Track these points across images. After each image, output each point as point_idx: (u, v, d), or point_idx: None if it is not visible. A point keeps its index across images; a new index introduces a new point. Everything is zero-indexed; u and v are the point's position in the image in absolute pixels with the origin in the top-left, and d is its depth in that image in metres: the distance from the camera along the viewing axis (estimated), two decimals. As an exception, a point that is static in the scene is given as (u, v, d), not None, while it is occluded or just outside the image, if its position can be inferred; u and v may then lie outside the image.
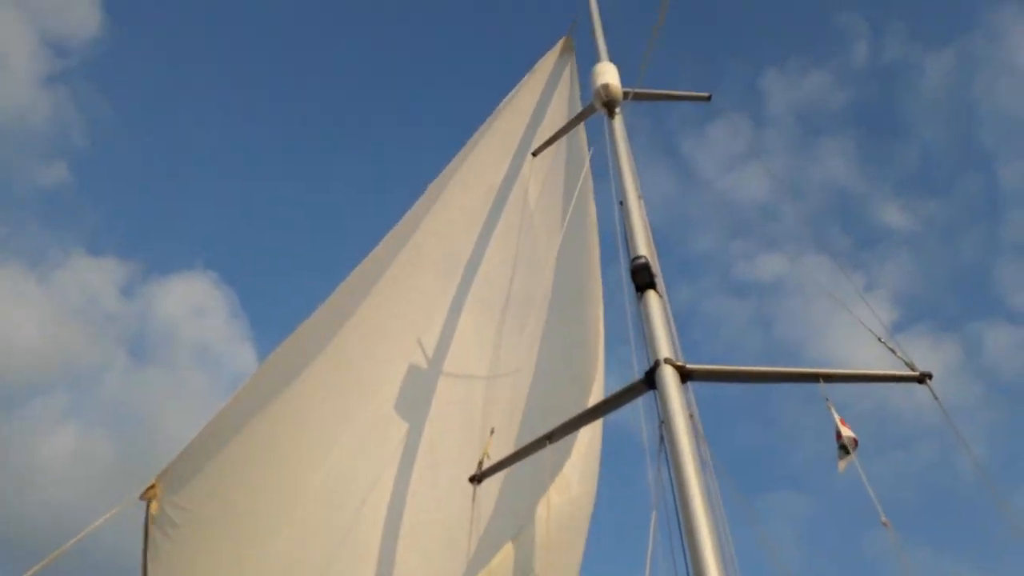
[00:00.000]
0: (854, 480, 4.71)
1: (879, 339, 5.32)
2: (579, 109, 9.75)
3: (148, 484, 5.74)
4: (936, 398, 4.82)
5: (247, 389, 6.53)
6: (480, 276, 9.08)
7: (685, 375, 5.12)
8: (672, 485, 4.74)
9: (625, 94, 8.33)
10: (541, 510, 5.97)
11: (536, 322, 8.50)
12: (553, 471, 6.36)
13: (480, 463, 6.27)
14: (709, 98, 9.09)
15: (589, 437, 6.83)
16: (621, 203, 7.27)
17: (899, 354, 5.15)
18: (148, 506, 5.70)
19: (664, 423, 4.90)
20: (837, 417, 4.81)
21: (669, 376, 4.99)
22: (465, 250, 9.14)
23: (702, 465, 4.77)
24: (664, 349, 5.23)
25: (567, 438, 6.36)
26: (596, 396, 6.87)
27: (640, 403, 5.72)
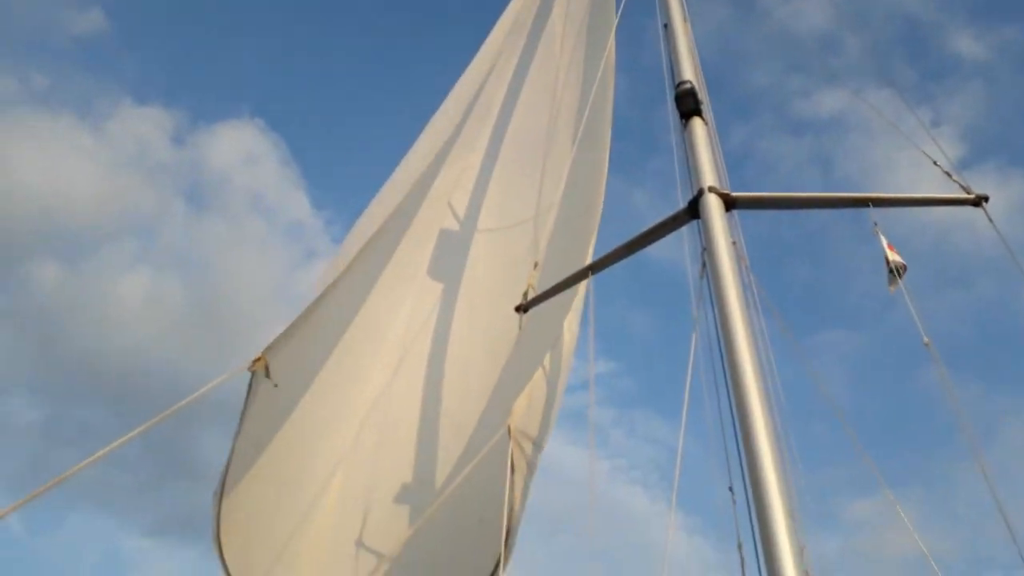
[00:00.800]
0: (906, 317, 4.69)
1: (934, 163, 5.13)
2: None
3: (256, 356, 6.07)
4: (991, 221, 4.70)
5: (338, 274, 6.87)
6: (516, 115, 8.99)
7: (729, 203, 5.06)
8: (714, 313, 4.81)
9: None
10: (565, 333, 6.29)
11: (562, 160, 8.46)
12: (570, 303, 6.67)
13: (525, 294, 6.44)
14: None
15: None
16: (666, 26, 6.94)
17: (955, 178, 4.99)
18: (252, 376, 6.03)
19: (707, 250, 4.90)
20: (885, 242, 4.74)
21: (713, 204, 4.93)
22: (499, 90, 8.97)
23: (745, 291, 4.80)
24: (708, 177, 5.14)
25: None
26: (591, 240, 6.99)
27: (685, 234, 5.76)
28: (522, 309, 6.50)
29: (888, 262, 4.68)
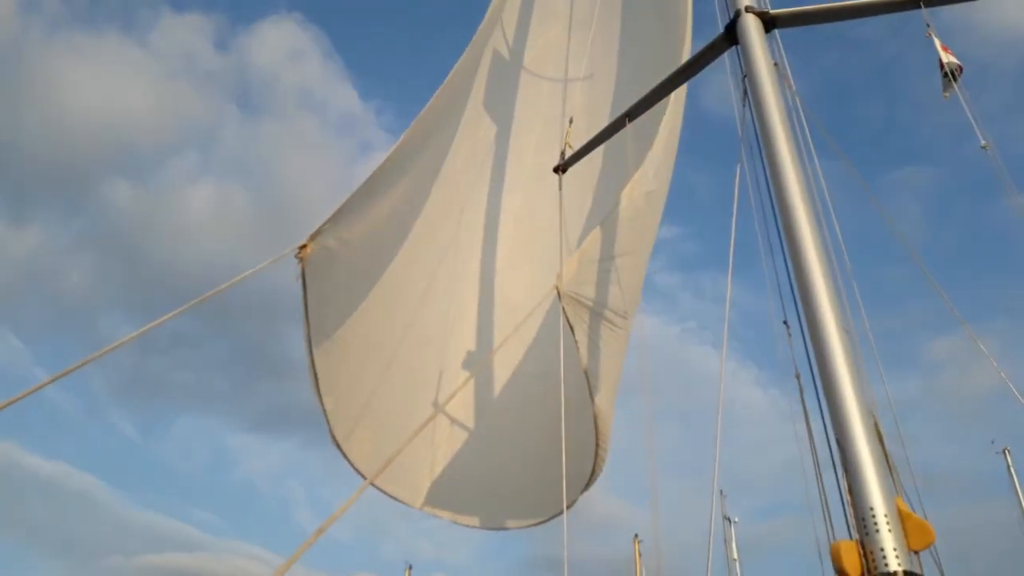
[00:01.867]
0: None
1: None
2: None
3: (301, 243, 5.93)
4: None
5: (388, 159, 6.47)
6: None
7: (769, 23, 4.74)
8: (759, 142, 4.57)
9: None
10: (625, 198, 6.02)
11: (616, 18, 8.07)
12: (636, 161, 6.35)
13: (563, 153, 6.24)
14: None
15: (668, 130, 6.66)
16: None
17: (1017, -36, 4.54)
18: (301, 263, 5.94)
19: (747, 76, 4.62)
20: (939, 44, 4.39)
21: (751, 24, 4.63)
22: None
23: (790, 115, 4.54)
24: (746, -4, 4.80)
25: (649, 133, 6.31)
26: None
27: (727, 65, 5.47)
28: (560, 169, 6.31)
29: (943, 65, 4.34)
